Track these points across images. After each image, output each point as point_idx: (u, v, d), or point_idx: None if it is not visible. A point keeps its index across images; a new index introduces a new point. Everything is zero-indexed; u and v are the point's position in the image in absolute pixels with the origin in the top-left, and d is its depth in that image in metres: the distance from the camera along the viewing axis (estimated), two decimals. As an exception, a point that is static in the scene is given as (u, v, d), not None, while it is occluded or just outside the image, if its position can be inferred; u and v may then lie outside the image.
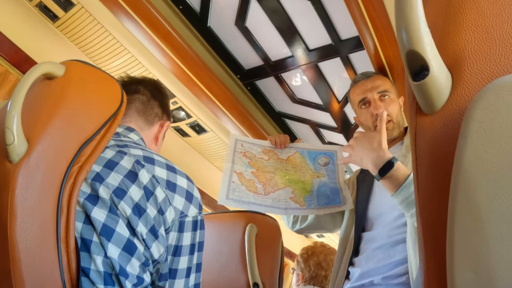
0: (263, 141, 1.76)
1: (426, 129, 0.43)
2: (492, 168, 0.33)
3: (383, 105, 1.52)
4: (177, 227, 0.94)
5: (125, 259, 0.83)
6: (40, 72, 0.78)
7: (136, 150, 0.96)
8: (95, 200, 0.84)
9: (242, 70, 2.23)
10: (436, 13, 0.46)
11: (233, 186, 1.57)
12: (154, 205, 0.89)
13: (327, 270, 2.37)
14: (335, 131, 2.65)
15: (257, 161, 1.68)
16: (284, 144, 1.73)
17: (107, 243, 0.82)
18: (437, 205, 0.41)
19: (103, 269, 0.81)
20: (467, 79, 0.41)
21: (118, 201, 0.85)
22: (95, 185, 0.86)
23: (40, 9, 1.76)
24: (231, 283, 1.61)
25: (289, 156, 1.73)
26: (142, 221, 0.86)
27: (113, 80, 0.91)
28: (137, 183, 0.88)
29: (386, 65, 1.77)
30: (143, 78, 1.29)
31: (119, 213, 0.85)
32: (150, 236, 0.88)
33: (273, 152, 1.73)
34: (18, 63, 1.80)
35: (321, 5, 1.73)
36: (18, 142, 0.71)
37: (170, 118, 1.30)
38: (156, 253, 0.89)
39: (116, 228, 0.83)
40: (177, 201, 0.94)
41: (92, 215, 0.83)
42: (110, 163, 0.90)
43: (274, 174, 1.66)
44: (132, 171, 0.90)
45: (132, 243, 0.85)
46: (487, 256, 0.32)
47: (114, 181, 0.87)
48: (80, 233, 0.81)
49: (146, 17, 1.69)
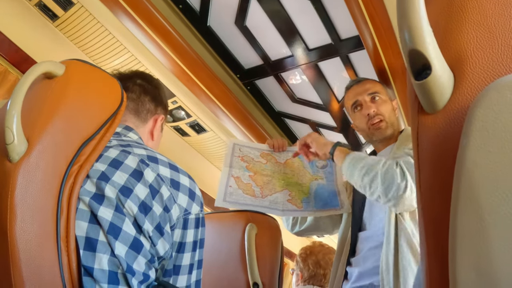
0: (261, 145, 1.77)
1: (428, 128, 0.43)
2: (494, 168, 0.33)
3: (374, 106, 1.57)
4: (181, 224, 0.95)
5: (132, 257, 0.84)
6: (40, 71, 0.78)
7: (139, 149, 0.97)
8: (101, 199, 0.84)
9: (242, 70, 2.23)
10: (438, 12, 0.46)
11: (230, 190, 1.59)
12: (160, 203, 0.90)
13: (325, 269, 2.37)
14: (335, 130, 2.65)
15: (255, 165, 1.68)
16: (282, 147, 1.74)
17: (115, 241, 0.82)
18: (439, 204, 0.41)
19: (108, 268, 0.81)
20: (469, 78, 0.41)
21: (124, 200, 0.85)
22: (101, 184, 0.86)
23: (40, 8, 1.76)
24: (231, 283, 1.61)
25: (287, 159, 1.73)
26: (148, 218, 0.87)
27: (113, 79, 0.91)
28: (142, 181, 0.89)
29: (386, 64, 1.77)
30: (132, 72, 1.26)
31: (126, 212, 0.85)
32: (156, 233, 0.88)
33: (271, 155, 1.73)
34: (17, 63, 1.80)
35: (321, 5, 1.73)
36: (18, 142, 0.71)
37: (165, 109, 1.28)
38: (161, 250, 0.90)
39: (123, 226, 0.84)
40: (181, 199, 0.95)
41: (99, 214, 0.82)
42: (115, 162, 0.90)
43: (272, 177, 1.67)
44: (137, 170, 0.90)
45: (138, 241, 0.85)
46: (489, 256, 0.32)
47: (120, 179, 0.87)
48: (86, 232, 0.81)
49: (146, 16, 1.68)
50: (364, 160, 1.35)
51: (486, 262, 0.32)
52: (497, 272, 0.32)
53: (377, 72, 1.85)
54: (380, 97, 1.60)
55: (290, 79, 2.26)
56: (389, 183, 1.24)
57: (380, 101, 1.59)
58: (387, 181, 1.25)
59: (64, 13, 1.76)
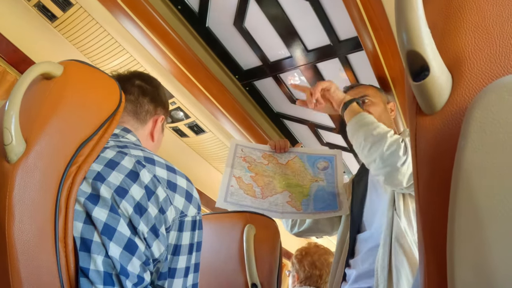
0: (263, 146, 1.77)
1: (426, 130, 0.43)
2: (492, 169, 0.33)
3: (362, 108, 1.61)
4: (177, 226, 0.94)
5: (126, 258, 0.83)
6: (38, 72, 0.78)
7: (136, 151, 0.96)
8: (96, 199, 0.84)
9: (240, 71, 2.23)
10: (436, 13, 0.46)
11: (231, 190, 1.59)
12: (156, 204, 0.89)
13: (321, 270, 2.38)
14: (334, 131, 2.65)
15: (256, 166, 1.69)
16: (284, 149, 1.75)
17: (109, 242, 0.82)
18: (437, 205, 0.41)
19: (103, 269, 0.80)
20: (467, 80, 0.41)
21: (119, 200, 0.85)
22: (96, 184, 0.85)
23: (39, 9, 1.75)
24: (230, 284, 1.61)
25: (288, 160, 1.74)
26: (143, 220, 0.87)
27: (112, 80, 0.91)
28: (138, 182, 0.89)
29: (385, 65, 1.77)
30: (130, 73, 1.26)
31: (121, 212, 0.85)
32: (151, 235, 0.88)
33: (273, 156, 1.74)
34: (16, 63, 1.79)
35: (320, 6, 1.73)
36: (16, 142, 0.71)
37: (165, 109, 1.28)
38: (156, 252, 0.89)
39: (117, 227, 0.83)
40: (177, 201, 0.94)
41: (93, 215, 0.82)
42: (111, 163, 0.90)
43: (273, 178, 1.68)
44: (133, 171, 0.90)
45: (133, 242, 0.85)
46: (488, 257, 0.32)
47: (116, 180, 0.87)
48: (80, 233, 0.81)
49: (144, 17, 1.68)
50: (376, 123, 1.38)
51: (484, 262, 0.32)
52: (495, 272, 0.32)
53: (375, 73, 1.85)
54: (370, 99, 1.63)
55: (289, 80, 2.27)
56: (392, 151, 1.26)
57: (370, 103, 1.62)
58: (391, 149, 1.26)
59: (62, 13, 1.76)
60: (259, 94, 2.40)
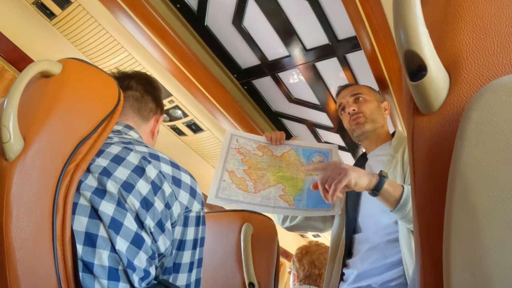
0: (259, 137, 1.75)
1: (423, 129, 0.43)
2: (489, 169, 0.33)
3: (355, 105, 1.63)
4: (182, 221, 0.96)
5: (133, 252, 0.84)
6: (37, 70, 0.78)
7: (140, 147, 0.98)
8: (102, 194, 0.85)
9: (239, 70, 2.23)
10: (434, 14, 0.46)
11: (223, 185, 1.58)
12: (162, 199, 0.91)
13: (320, 269, 2.38)
14: (332, 131, 2.65)
15: (250, 158, 1.67)
16: (279, 141, 1.73)
17: (116, 236, 0.82)
18: (434, 206, 0.41)
19: (108, 264, 0.80)
20: (464, 80, 0.41)
21: (126, 195, 0.86)
22: (102, 179, 0.86)
23: (37, 6, 1.75)
24: (227, 283, 1.61)
25: (283, 153, 1.72)
26: (150, 214, 0.88)
27: (110, 79, 0.91)
28: (144, 177, 0.90)
29: (383, 65, 1.77)
30: (135, 72, 1.28)
31: (127, 207, 0.85)
32: (157, 229, 0.89)
33: (268, 148, 1.72)
34: (14, 61, 1.79)
35: (319, 5, 1.73)
36: (15, 140, 0.71)
37: (163, 111, 1.31)
38: (162, 247, 0.90)
39: (124, 221, 0.84)
40: (182, 196, 0.96)
41: (100, 209, 0.83)
42: (117, 158, 0.91)
43: (267, 171, 1.66)
44: (139, 166, 0.91)
45: (140, 237, 0.85)
46: (484, 258, 0.32)
47: (122, 175, 0.88)
48: (85, 227, 0.81)
49: (143, 15, 1.68)
50: None
51: (480, 263, 0.32)
52: (491, 273, 0.32)
53: (374, 73, 1.85)
54: (363, 97, 1.65)
55: (287, 79, 2.26)
56: None
57: (363, 101, 1.64)
58: None
59: (61, 11, 1.76)
60: (257, 93, 2.40)
